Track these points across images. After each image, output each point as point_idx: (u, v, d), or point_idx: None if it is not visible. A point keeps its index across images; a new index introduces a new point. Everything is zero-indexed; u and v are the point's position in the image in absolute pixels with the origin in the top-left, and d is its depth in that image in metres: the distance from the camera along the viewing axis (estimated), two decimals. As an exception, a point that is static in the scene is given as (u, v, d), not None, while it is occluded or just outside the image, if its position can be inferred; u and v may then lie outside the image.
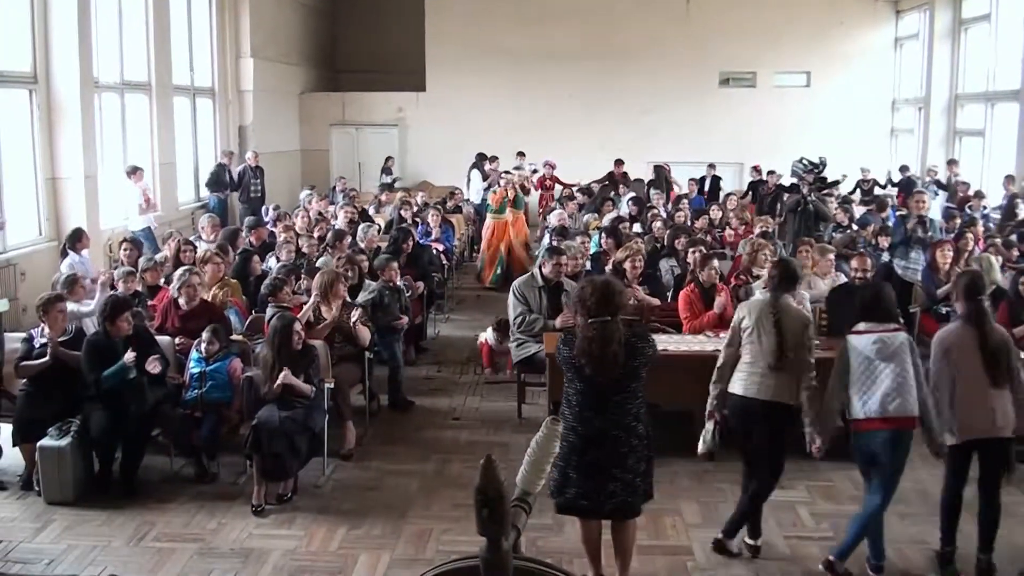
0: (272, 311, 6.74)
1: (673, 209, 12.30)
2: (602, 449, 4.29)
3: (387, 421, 7.48)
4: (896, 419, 4.70)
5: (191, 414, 6.22)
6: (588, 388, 4.31)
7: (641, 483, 4.39)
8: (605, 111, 19.01)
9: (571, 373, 4.37)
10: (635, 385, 4.32)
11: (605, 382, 4.26)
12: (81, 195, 10.94)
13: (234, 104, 16.62)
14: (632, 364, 4.26)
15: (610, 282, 4.41)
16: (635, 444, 4.32)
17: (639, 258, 7.91)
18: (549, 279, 7.52)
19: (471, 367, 9.00)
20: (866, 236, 10.58)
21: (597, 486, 4.30)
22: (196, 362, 6.34)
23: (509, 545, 2.03)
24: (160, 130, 13.63)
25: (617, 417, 4.29)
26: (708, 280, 7.39)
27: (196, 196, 15.38)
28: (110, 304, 6.21)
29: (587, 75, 19.02)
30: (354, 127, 20.03)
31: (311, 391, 6.08)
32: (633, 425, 4.31)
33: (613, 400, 4.29)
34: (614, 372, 4.23)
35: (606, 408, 4.29)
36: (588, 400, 4.32)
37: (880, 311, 4.88)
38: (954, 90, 16.78)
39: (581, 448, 4.30)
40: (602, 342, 4.20)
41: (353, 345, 6.99)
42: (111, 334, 6.13)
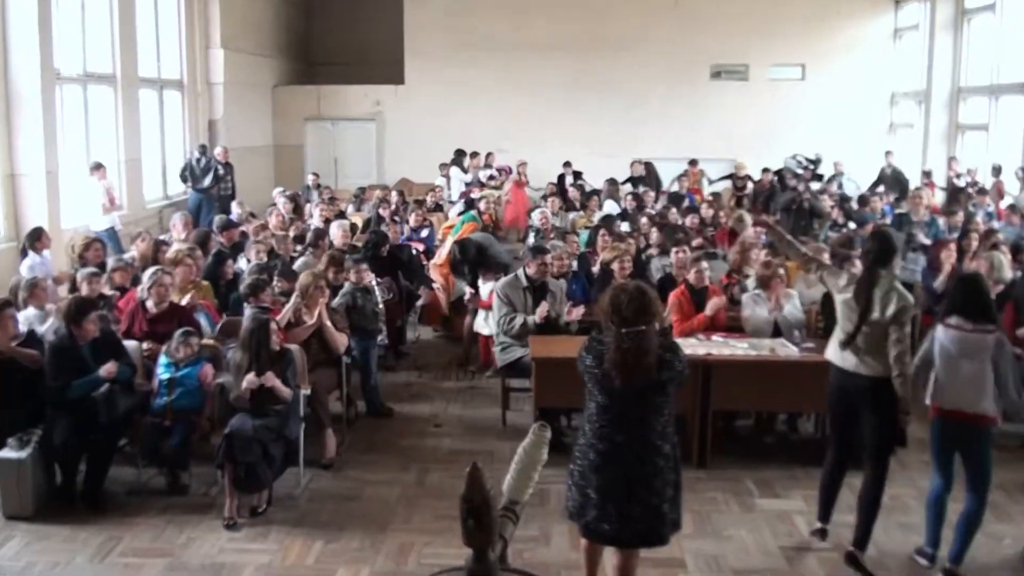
0: (250, 313, 6.71)
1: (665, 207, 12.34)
2: (624, 468, 4.16)
3: (365, 429, 7.47)
4: (968, 415, 4.95)
5: (160, 422, 6.17)
6: (611, 402, 4.18)
7: (669, 510, 4.24)
8: (591, 105, 19.04)
9: (593, 385, 4.23)
10: (661, 400, 4.19)
11: (630, 395, 4.14)
12: (42, 192, 10.84)
13: (204, 97, 16.55)
14: (660, 378, 4.14)
15: (645, 289, 4.26)
16: (660, 465, 4.18)
17: (627, 258, 7.93)
18: (534, 279, 7.53)
19: (453, 372, 9.00)
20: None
21: (619, 509, 4.17)
22: (165, 368, 6.30)
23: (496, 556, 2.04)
24: (125, 124, 13.55)
25: (641, 433, 4.16)
26: (698, 282, 7.42)
27: (164, 194, 15.30)
28: (75, 305, 6.16)
29: (573, 68, 19.05)
30: (330, 121, 20.00)
31: (289, 395, 6.07)
32: (658, 444, 4.18)
33: (636, 415, 4.17)
34: (643, 384, 4.12)
35: (629, 424, 4.17)
36: (610, 415, 4.19)
37: (974, 308, 5.00)
38: (956, 83, 16.89)
39: (601, 466, 4.18)
40: (638, 353, 4.08)
41: (328, 352, 6.98)
42: (76, 337, 6.08)
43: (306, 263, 8.86)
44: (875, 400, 5.06)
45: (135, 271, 8.21)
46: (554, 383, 6.50)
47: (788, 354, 6.66)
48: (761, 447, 7.14)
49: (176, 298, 7.22)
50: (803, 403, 6.88)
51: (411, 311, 10.02)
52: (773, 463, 6.73)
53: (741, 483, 6.39)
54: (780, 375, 6.58)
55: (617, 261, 7.76)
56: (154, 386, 6.32)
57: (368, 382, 7.75)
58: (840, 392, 5.25)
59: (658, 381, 4.14)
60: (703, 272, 7.44)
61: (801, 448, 7.11)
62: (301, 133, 19.97)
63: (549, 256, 7.72)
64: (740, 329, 7.22)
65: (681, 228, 9.87)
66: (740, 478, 6.46)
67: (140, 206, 13.95)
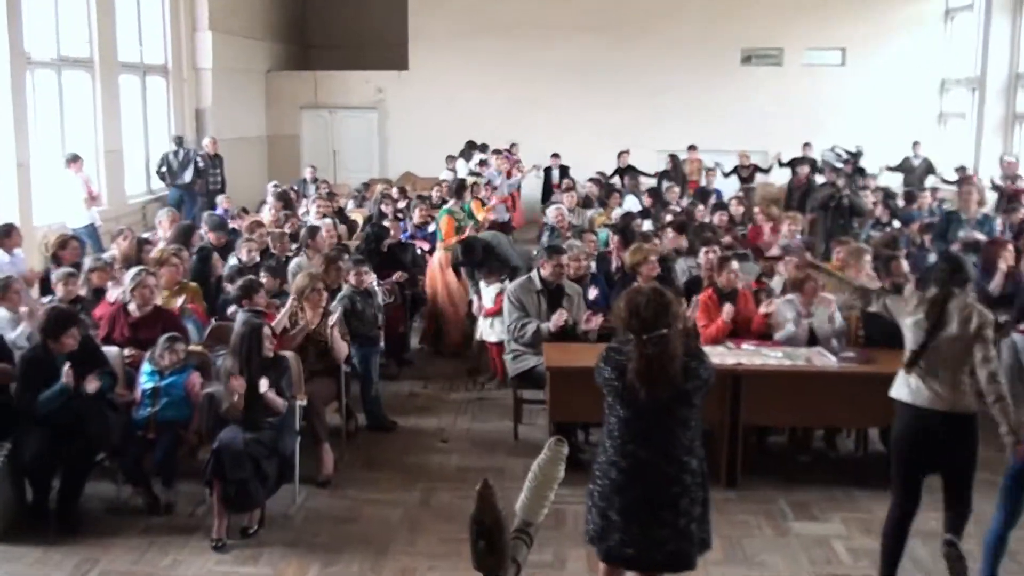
0: (243, 317, 6.74)
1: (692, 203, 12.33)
2: (648, 486, 4.15)
3: (366, 444, 7.50)
4: None
5: (143, 435, 6.20)
6: (635, 415, 4.18)
7: (697, 529, 4.22)
8: (611, 93, 19.06)
9: (613, 398, 4.23)
10: (687, 412, 4.17)
11: (655, 408, 4.14)
12: (12, 186, 10.89)
13: (190, 84, 16.62)
14: (685, 387, 4.13)
15: (662, 291, 4.26)
16: (687, 482, 4.17)
17: (654, 260, 7.89)
18: (549, 282, 7.54)
19: (461, 382, 9.03)
20: (911, 234, 10.62)
21: (644, 532, 4.15)
22: (148, 376, 6.33)
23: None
24: (104, 113, 13.62)
25: (665, 448, 4.15)
26: (727, 284, 7.42)
27: (147, 188, 15.38)
28: (54, 318, 6.16)
29: (591, 52, 19.07)
30: (327, 110, 20.07)
31: (284, 406, 6.10)
32: (685, 460, 4.17)
33: (662, 429, 4.16)
34: (668, 393, 4.12)
35: (654, 438, 4.16)
36: (633, 430, 4.18)
37: None
38: (1014, 68, 16.79)
39: (623, 485, 4.17)
40: (662, 360, 4.07)
41: (327, 360, 7.02)
42: (52, 350, 6.10)
43: (300, 264, 8.89)
44: (956, 439, 4.94)
45: (115, 271, 8.24)
46: (571, 395, 6.50)
47: (826, 364, 6.65)
48: (796, 466, 7.13)
49: (162, 300, 7.26)
50: (842, 418, 6.87)
51: (415, 316, 10.05)
52: (809, 483, 6.72)
53: (774, 505, 6.39)
54: (817, 387, 6.57)
55: (644, 264, 7.74)
56: (136, 396, 6.34)
57: (369, 393, 7.77)
58: (912, 436, 5.05)
59: (684, 391, 4.14)
60: (733, 274, 7.44)
61: (840, 467, 7.10)
62: (296, 123, 20.06)
63: (565, 256, 7.72)
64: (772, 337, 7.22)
65: (709, 226, 9.87)
66: (773, 499, 6.46)
67: (121, 201, 14.02)
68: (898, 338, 5.20)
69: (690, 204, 12.50)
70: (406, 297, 9.47)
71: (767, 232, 10.37)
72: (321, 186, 14.41)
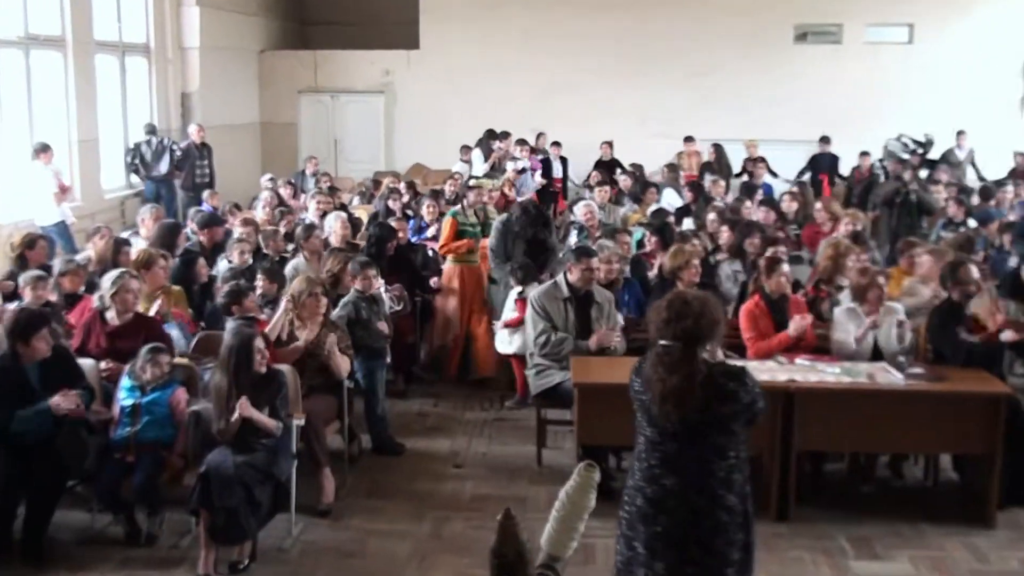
0: (233, 326, 6.78)
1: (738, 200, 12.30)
2: (674, 519, 4.14)
3: (370, 468, 7.52)
4: None
5: (121, 458, 6.22)
6: (658, 436, 4.19)
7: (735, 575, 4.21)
8: (647, 75, 19.06)
9: (641, 415, 4.27)
10: (722, 440, 4.15)
11: (681, 431, 4.13)
12: (-26, 179, 11.03)
13: (175, 65, 16.72)
14: (719, 411, 4.11)
15: (688, 299, 4.23)
16: (723, 520, 4.14)
17: (696, 263, 7.88)
18: (577, 288, 7.54)
19: (477, 400, 9.04)
20: (988, 235, 10.56)
21: (669, 571, 4.14)
22: (128, 392, 6.36)
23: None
24: (79, 98, 13.70)
25: (697, 479, 4.13)
26: (776, 290, 7.41)
27: (126, 182, 15.47)
28: (24, 319, 6.20)
29: (625, 29, 19.07)
30: (329, 94, 20.16)
31: (277, 428, 6.11)
32: (720, 494, 4.13)
33: (691, 456, 4.15)
34: (683, 415, 4.10)
35: (682, 466, 4.15)
36: (660, 453, 4.19)
37: None
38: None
39: (648, 514, 4.17)
40: (663, 370, 4.10)
41: (327, 375, 7.05)
42: (22, 357, 6.14)
43: (297, 267, 8.92)
44: None
45: (90, 274, 8.28)
46: (601, 414, 6.50)
47: (891, 382, 6.62)
48: (857, 496, 7.11)
49: (143, 307, 7.29)
50: (910, 443, 6.85)
51: (426, 325, 10.07)
52: (872, 517, 6.69)
53: (832, 541, 6.36)
54: (881, 408, 6.55)
55: (686, 268, 7.72)
56: (115, 414, 6.37)
57: (374, 412, 7.79)
58: None
59: (717, 416, 4.12)
60: (783, 277, 7.42)
61: (907, 498, 7.08)
62: (294, 109, 20.16)
63: (595, 259, 7.73)
64: (830, 351, 7.20)
65: (757, 226, 9.86)
66: (831, 534, 6.43)
67: (96, 196, 14.11)
68: (974, 355, 5.16)
69: (736, 200, 12.49)
70: (416, 304, 9.49)
71: (826, 232, 10.34)
72: (322, 180, 14.46)
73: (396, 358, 8.80)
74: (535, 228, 9.30)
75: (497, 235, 9.37)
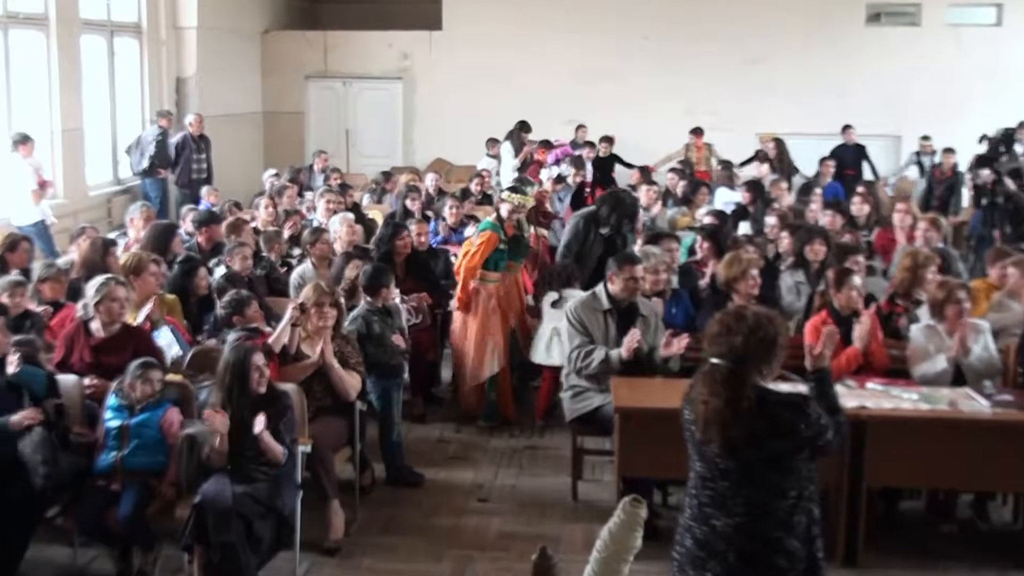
0: (233, 337, 6.81)
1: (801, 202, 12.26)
2: (726, 565, 4.11)
3: (385, 502, 7.52)
4: None
5: (106, 486, 6.25)
6: (707, 471, 4.19)
7: None
8: (699, 62, 19.04)
9: (692, 445, 4.27)
10: (780, 478, 4.11)
11: (730, 467, 4.11)
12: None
13: (169, 47, 16.83)
14: (778, 447, 4.08)
15: (744, 314, 4.23)
16: (782, 566, 4.11)
17: (755, 273, 7.84)
18: (619, 299, 7.52)
19: (505, 425, 9.02)
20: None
21: None
22: (115, 412, 6.38)
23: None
24: (62, 83, 13.77)
25: (752, 521, 4.11)
26: (847, 305, 7.36)
27: (114, 177, 15.59)
28: None
29: (673, 10, 19.09)
30: (340, 81, 20.27)
31: (283, 453, 6.14)
32: (778, 536, 4.10)
33: (745, 493, 4.12)
34: (728, 446, 4.08)
35: (735, 504, 4.13)
36: (709, 490, 4.18)
37: None
38: None
39: (699, 559, 4.16)
40: (705, 391, 4.12)
41: (337, 396, 7.07)
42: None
43: (303, 274, 8.94)
44: None
45: (72, 280, 8.30)
46: (645, 443, 6.48)
47: (975, 410, 6.56)
48: (936, 539, 7.05)
49: (131, 317, 7.33)
50: (996, 479, 6.76)
51: (447, 341, 10.08)
52: (954, 562, 6.65)
53: (908, 589, 6.32)
54: (964, 439, 6.49)
55: (742, 279, 7.69)
56: (100, 437, 6.40)
57: (389, 437, 7.81)
58: None
59: (773, 448, 4.09)
60: (854, 292, 7.38)
61: (993, 542, 7.02)
62: (301, 96, 20.28)
63: (640, 267, 7.69)
64: (906, 373, 7.16)
65: (818, 230, 9.82)
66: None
67: (81, 192, 14.19)
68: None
69: (799, 202, 12.45)
70: (436, 317, 9.49)
71: (901, 239, 10.28)
72: (332, 177, 14.50)
73: (414, 377, 8.82)
74: (622, 222, 9.30)
75: (576, 230, 9.36)
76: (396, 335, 7.88)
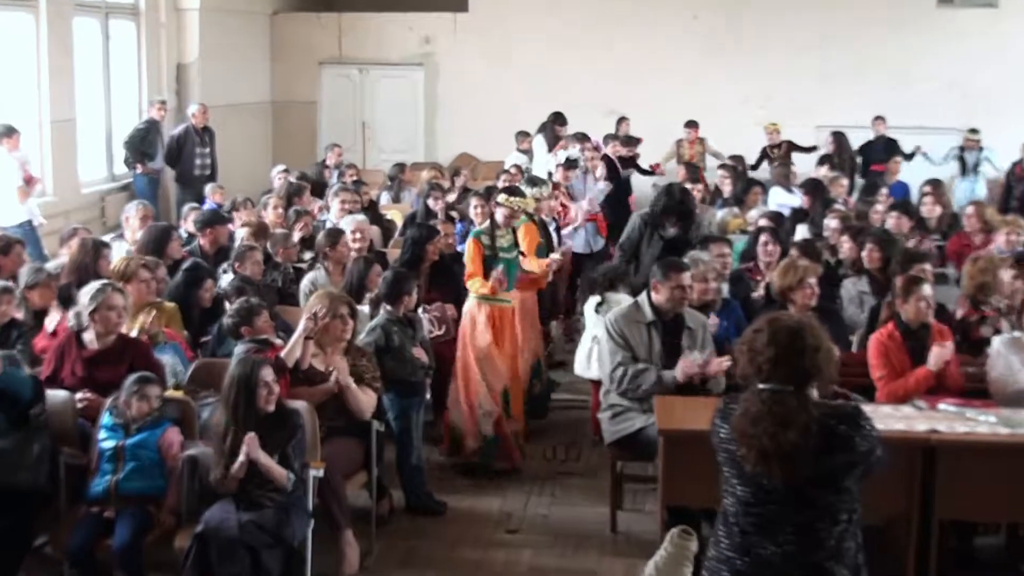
0: (241, 350, 6.82)
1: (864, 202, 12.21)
2: None
3: (404, 532, 7.53)
4: None
5: (99, 512, 6.28)
6: (753, 496, 4.19)
7: None
8: (749, 47, 19.01)
9: (729, 469, 4.27)
10: (832, 499, 4.12)
11: (782, 490, 4.12)
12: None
13: (170, 30, 16.88)
14: (832, 463, 4.08)
15: (803, 327, 4.22)
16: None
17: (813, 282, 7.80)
18: (664, 310, 7.50)
19: (536, 448, 9.01)
20: None
21: None
22: (109, 432, 6.40)
23: None
24: (52, 70, 13.80)
25: (800, 547, 4.12)
26: (915, 318, 7.32)
27: (109, 172, 15.65)
28: None
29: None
30: (356, 67, 20.34)
31: (288, 480, 6.14)
32: (828, 567, 4.12)
33: (792, 519, 4.13)
34: (794, 474, 4.07)
35: (781, 530, 4.13)
36: (753, 517, 4.19)
37: None
38: None
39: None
40: (773, 423, 4.06)
41: (351, 415, 7.08)
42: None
43: (315, 281, 8.94)
44: None
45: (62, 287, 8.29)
46: (692, 469, 6.43)
47: (1063, 435, 6.52)
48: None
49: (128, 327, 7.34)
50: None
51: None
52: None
53: (983, 633, 6.30)
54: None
55: (799, 288, 7.66)
56: (92, 459, 6.43)
57: (408, 461, 7.81)
58: None
59: (830, 469, 4.09)
60: (924, 303, 7.34)
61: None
62: (314, 85, 20.35)
63: (687, 275, 7.66)
64: (985, 393, 7.10)
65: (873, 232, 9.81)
66: (981, 625, 6.36)
67: (72, 190, 14.21)
68: None
69: (862, 202, 12.40)
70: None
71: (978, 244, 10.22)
72: (348, 173, 14.53)
73: (436, 395, 8.80)
74: (680, 220, 9.33)
75: (633, 230, 9.43)
76: (417, 348, 7.88)
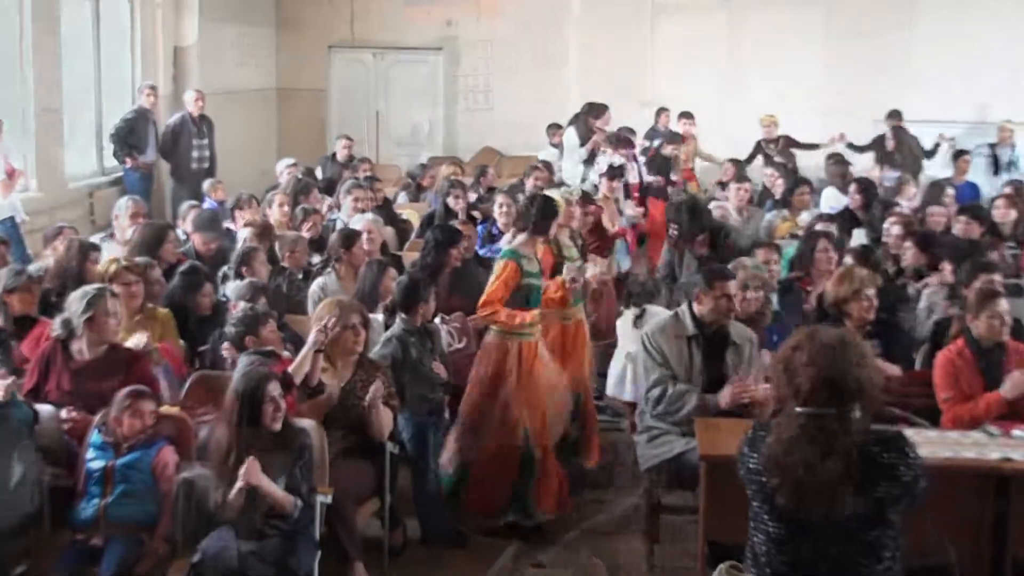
0: (245, 362, 6.84)
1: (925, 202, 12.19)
2: None
3: (419, 564, 7.53)
4: None
5: (86, 540, 6.30)
6: (789, 533, 4.21)
7: None
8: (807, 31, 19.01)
9: (759, 500, 4.28)
10: (877, 534, 4.14)
11: (818, 523, 4.13)
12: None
13: (166, 11, 16.91)
14: (874, 494, 4.08)
15: (847, 342, 4.23)
16: None
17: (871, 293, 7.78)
18: (707, 323, 7.49)
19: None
20: None
21: None
22: (98, 451, 6.43)
23: None
24: (36, 55, 13.79)
25: None
26: (988, 335, 7.28)
27: (99, 166, 15.69)
28: None
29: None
30: (371, 51, 20.42)
31: (295, 506, 6.15)
32: None
33: (832, 557, 4.14)
34: (833, 506, 4.08)
35: (818, 570, 4.16)
36: (787, 556, 4.21)
37: None
38: None
39: None
40: (812, 450, 4.08)
41: (364, 435, 7.09)
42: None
43: (325, 286, 8.96)
44: None
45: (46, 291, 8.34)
46: (737, 499, 6.38)
47: None
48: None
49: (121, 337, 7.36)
50: None
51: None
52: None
53: None
54: None
55: (855, 299, 7.64)
56: (79, 481, 6.44)
57: (425, 486, 7.80)
58: None
59: (872, 500, 4.09)
60: (998, 319, 7.31)
61: None
62: (323, 71, 20.45)
63: (733, 284, 7.67)
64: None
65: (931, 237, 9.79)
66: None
67: (58, 185, 14.23)
68: None
69: (927, 205, 12.37)
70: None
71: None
72: (361, 168, 14.54)
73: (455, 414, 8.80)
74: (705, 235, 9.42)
75: (665, 257, 9.58)
76: (436, 362, 7.88)
